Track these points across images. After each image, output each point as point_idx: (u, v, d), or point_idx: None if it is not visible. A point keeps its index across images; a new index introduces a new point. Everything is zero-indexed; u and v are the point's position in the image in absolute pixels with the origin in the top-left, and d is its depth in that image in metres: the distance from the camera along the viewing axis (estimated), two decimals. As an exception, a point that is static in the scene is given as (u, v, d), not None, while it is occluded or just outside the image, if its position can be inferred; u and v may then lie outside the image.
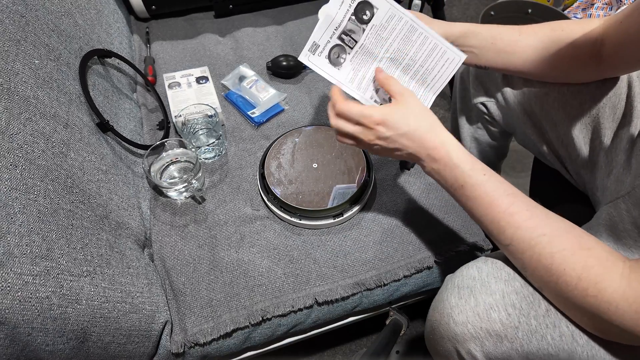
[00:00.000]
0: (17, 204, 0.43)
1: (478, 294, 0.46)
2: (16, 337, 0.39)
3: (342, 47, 0.52)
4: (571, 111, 0.62)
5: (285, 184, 0.69)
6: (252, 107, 0.84)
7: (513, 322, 0.43)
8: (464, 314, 0.46)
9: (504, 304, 0.44)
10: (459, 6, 1.76)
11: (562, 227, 0.43)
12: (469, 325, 0.45)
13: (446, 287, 0.50)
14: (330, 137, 0.75)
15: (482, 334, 0.44)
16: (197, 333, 0.59)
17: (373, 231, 0.69)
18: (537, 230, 0.43)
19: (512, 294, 0.45)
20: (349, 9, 0.50)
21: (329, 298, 0.63)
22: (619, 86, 0.58)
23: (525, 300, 0.44)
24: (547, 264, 0.41)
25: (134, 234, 0.64)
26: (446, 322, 0.47)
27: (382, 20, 0.51)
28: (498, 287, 0.45)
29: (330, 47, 0.52)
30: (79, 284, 0.47)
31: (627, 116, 0.57)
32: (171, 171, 0.73)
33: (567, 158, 0.67)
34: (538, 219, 0.44)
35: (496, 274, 0.47)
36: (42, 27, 0.60)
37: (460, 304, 0.46)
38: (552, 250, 0.41)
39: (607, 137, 0.60)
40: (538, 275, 0.43)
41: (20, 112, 0.49)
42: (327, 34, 0.51)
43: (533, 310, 0.44)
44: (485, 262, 0.49)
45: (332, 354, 0.93)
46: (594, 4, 1.40)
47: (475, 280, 0.47)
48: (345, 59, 0.53)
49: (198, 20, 1.05)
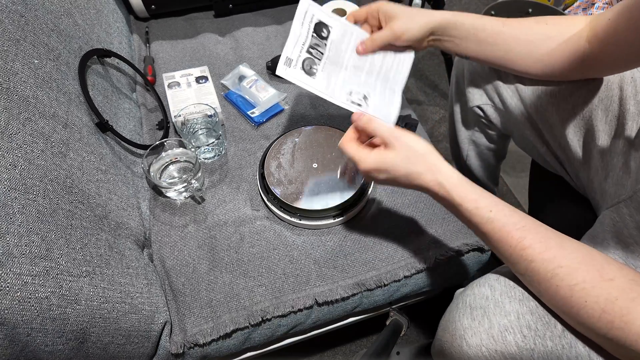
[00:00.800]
0: (16, 204, 0.43)
1: (492, 315, 0.44)
2: (15, 337, 0.39)
3: (311, 59, 0.57)
4: (564, 114, 0.62)
5: (285, 184, 0.69)
6: (252, 107, 0.84)
7: (529, 345, 0.42)
8: (478, 336, 0.44)
9: (519, 326, 0.43)
10: (459, 6, 1.76)
11: (580, 258, 0.41)
12: (483, 348, 0.43)
13: (457, 306, 0.48)
14: (330, 137, 0.75)
15: (496, 357, 0.43)
16: (197, 333, 0.59)
17: (373, 231, 0.68)
18: (554, 263, 0.41)
19: (527, 314, 0.43)
20: (309, 29, 0.57)
21: (329, 298, 0.63)
22: (610, 88, 0.58)
23: (541, 321, 0.43)
24: (567, 296, 0.40)
25: (133, 234, 0.64)
26: (458, 345, 0.45)
27: (338, 35, 0.58)
28: (512, 308, 0.44)
29: (302, 60, 0.56)
30: (78, 284, 0.47)
31: (621, 118, 0.57)
32: (171, 171, 0.73)
33: (565, 160, 0.67)
34: (553, 250, 0.42)
35: (510, 292, 0.45)
36: (42, 27, 0.60)
37: (474, 326, 0.44)
38: (571, 283, 0.39)
39: (601, 139, 0.59)
40: (557, 306, 0.41)
41: (20, 112, 0.49)
42: (296, 49, 0.56)
43: (549, 331, 0.42)
44: (497, 280, 0.47)
45: (332, 354, 0.92)
46: (595, 4, 1.39)
47: (489, 300, 0.45)
48: (317, 69, 0.57)
49: (198, 20, 1.05)
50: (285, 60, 0.55)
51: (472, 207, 0.46)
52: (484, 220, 0.45)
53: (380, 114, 0.58)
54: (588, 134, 0.61)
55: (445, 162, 0.49)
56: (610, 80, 0.58)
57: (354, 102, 0.58)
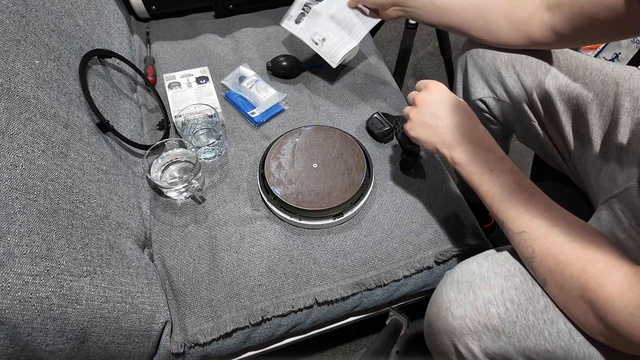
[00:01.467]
0: (17, 204, 0.43)
1: (477, 288, 0.46)
2: (16, 337, 0.39)
3: (303, 13, 0.82)
4: (561, 106, 0.63)
5: (285, 184, 0.69)
6: (252, 107, 0.84)
7: (511, 317, 0.43)
8: (463, 307, 0.46)
9: (502, 299, 0.44)
10: None
11: (579, 224, 0.44)
12: (467, 319, 0.45)
13: (445, 281, 0.50)
14: (330, 137, 0.75)
15: (480, 328, 0.45)
16: (197, 333, 0.59)
17: (373, 231, 0.69)
18: (553, 221, 0.43)
19: (511, 289, 0.45)
20: None
21: (329, 298, 0.63)
22: (607, 83, 0.58)
23: (525, 296, 0.44)
24: (557, 252, 0.42)
25: (134, 234, 0.64)
26: (444, 316, 0.47)
27: None
28: (497, 282, 0.46)
29: (297, 15, 0.83)
30: (79, 284, 0.47)
31: (615, 113, 0.58)
32: (171, 171, 0.73)
33: (565, 152, 0.67)
34: (556, 212, 0.45)
35: (496, 269, 0.47)
36: (43, 27, 0.60)
37: (459, 298, 0.46)
38: (564, 240, 0.42)
39: (595, 133, 0.60)
40: (546, 265, 0.43)
41: (21, 112, 0.49)
42: (296, 8, 0.83)
43: (531, 306, 0.44)
44: (485, 258, 0.49)
45: (332, 354, 0.93)
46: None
47: (475, 275, 0.47)
48: (303, 20, 0.82)
49: (198, 20, 1.05)
50: (288, 17, 0.83)
51: (502, 156, 0.51)
52: (508, 170, 0.49)
53: (329, 52, 0.79)
54: (583, 128, 0.62)
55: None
56: (608, 75, 0.59)
57: (313, 40, 0.80)
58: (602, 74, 0.59)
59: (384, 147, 0.80)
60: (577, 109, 0.61)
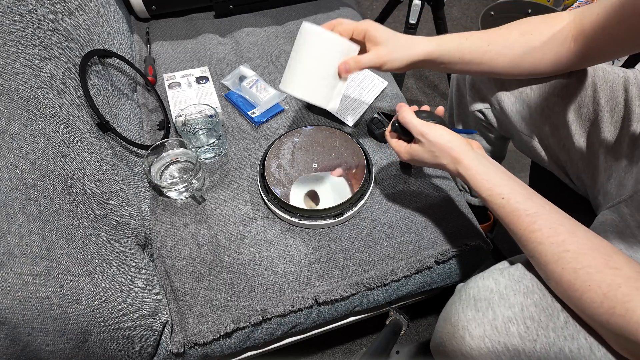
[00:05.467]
0: (17, 204, 0.43)
1: (496, 306, 0.44)
2: (16, 337, 0.39)
3: None
4: (570, 115, 0.62)
5: (285, 184, 0.69)
6: (252, 107, 0.84)
7: (531, 335, 0.42)
8: (482, 327, 0.44)
9: (522, 317, 0.43)
10: (459, 6, 1.76)
11: (589, 244, 0.42)
12: (486, 339, 0.44)
13: (460, 298, 0.48)
14: (330, 137, 0.75)
15: (499, 349, 0.43)
16: (197, 333, 0.59)
17: (373, 231, 0.69)
18: (561, 247, 0.42)
19: (531, 306, 0.43)
20: None
21: (329, 298, 0.63)
22: (615, 89, 0.58)
23: (544, 312, 0.43)
24: (571, 279, 0.40)
25: (134, 233, 0.64)
26: (461, 336, 0.45)
27: None
28: (517, 300, 0.44)
29: None
30: (79, 283, 0.47)
31: (626, 120, 0.57)
32: (171, 171, 0.73)
33: (568, 162, 0.67)
34: (562, 235, 0.43)
35: (514, 286, 0.45)
36: (43, 27, 0.60)
37: (478, 317, 0.44)
38: (576, 267, 0.40)
39: (606, 140, 0.60)
40: (561, 290, 0.42)
41: (21, 112, 0.49)
42: None
43: (552, 323, 0.42)
44: (501, 274, 0.47)
45: (332, 354, 0.93)
46: (594, 4, 1.39)
47: (493, 293, 0.45)
48: None
49: (198, 20, 1.05)
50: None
51: (486, 195, 0.49)
52: (497, 207, 0.48)
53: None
54: (593, 135, 0.61)
55: (469, 151, 0.52)
56: (615, 82, 0.58)
57: None
58: (609, 80, 0.59)
59: (384, 147, 0.80)
60: (588, 117, 0.61)
